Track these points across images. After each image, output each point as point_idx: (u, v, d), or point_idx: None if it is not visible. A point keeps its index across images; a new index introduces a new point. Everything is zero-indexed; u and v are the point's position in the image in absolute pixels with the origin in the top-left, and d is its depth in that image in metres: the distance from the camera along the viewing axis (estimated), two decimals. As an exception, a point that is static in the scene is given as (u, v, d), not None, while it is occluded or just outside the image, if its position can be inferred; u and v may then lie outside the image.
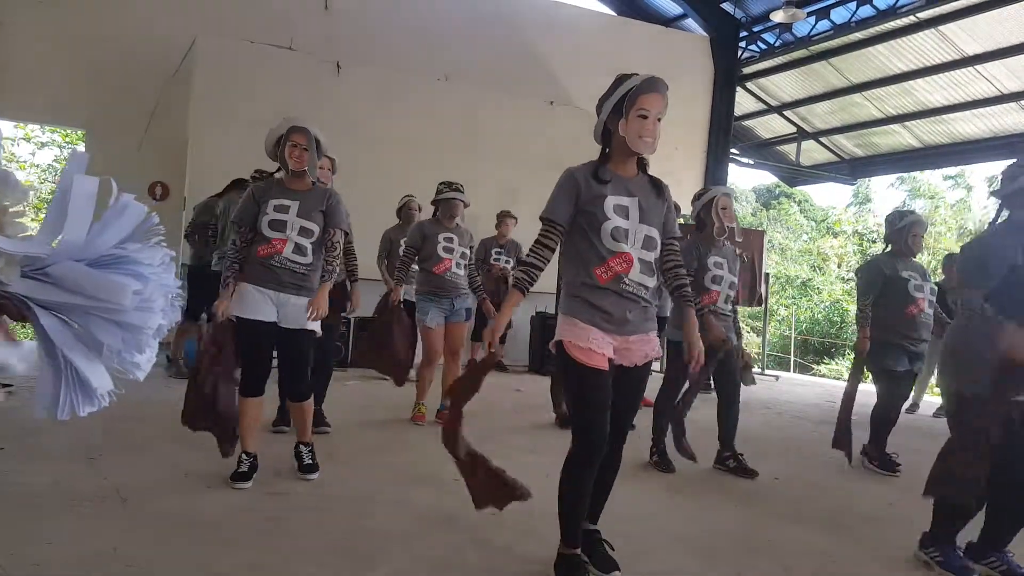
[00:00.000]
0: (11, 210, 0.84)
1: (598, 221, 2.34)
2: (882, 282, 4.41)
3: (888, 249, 4.59)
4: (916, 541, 2.94)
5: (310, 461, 3.46)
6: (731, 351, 4.13)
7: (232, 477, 3.27)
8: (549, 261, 2.41)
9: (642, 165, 2.51)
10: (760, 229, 11.60)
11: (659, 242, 2.45)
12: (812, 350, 18.17)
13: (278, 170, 3.50)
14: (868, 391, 4.76)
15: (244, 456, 3.35)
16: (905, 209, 4.95)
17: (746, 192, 27.13)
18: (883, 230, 4.72)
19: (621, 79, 2.40)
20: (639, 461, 4.26)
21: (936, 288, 4.49)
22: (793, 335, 16.76)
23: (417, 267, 4.93)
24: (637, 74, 2.38)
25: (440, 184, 4.97)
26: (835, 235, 23.68)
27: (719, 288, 4.11)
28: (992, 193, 2.93)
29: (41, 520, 2.70)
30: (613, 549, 2.52)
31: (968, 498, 2.64)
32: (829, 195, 20.69)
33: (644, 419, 4.49)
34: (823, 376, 14.20)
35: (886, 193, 28.84)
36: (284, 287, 3.30)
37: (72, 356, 0.82)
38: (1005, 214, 2.78)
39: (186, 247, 6.29)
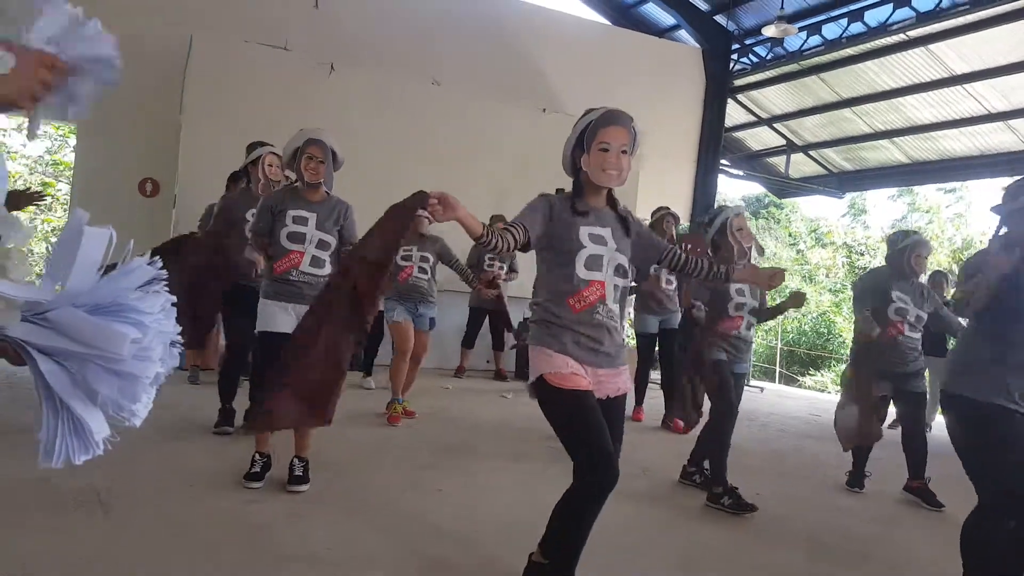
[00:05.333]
0: (14, 252, 0.85)
1: (574, 249, 2.31)
2: (878, 297, 4.39)
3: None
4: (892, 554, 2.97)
5: (300, 474, 3.45)
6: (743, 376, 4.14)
7: (245, 477, 3.32)
8: (511, 248, 2.26)
9: (611, 199, 2.47)
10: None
11: (628, 270, 2.44)
12: (798, 361, 18.27)
13: (295, 181, 3.58)
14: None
15: (257, 456, 3.40)
16: (907, 229, 4.91)
17: (735, 201, 27.32)
18: (872, 243, 4.73)
19: (585, 113, 2.39)
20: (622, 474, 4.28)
21: (926, 316, 4.43)
22: (779, 346, 16.84)
23: None
24: (598, 108, 2.37)
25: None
26: (824, 246, 23.83)
27: (742, 315, 3.95)
28: (992, 208, 2.93)
29: (24, 523, 2.68)
30: None
31: None
32: (825, 205, 20.86)
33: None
34: (809, 388, 14.30)
35: (885, 205, 29.14)
36: (303, 300, 3.34)
37: (69, 402, 0.83)
38: (1004, 230, 2.80)
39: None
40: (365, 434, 4.71)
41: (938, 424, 7.53)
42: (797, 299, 3.99)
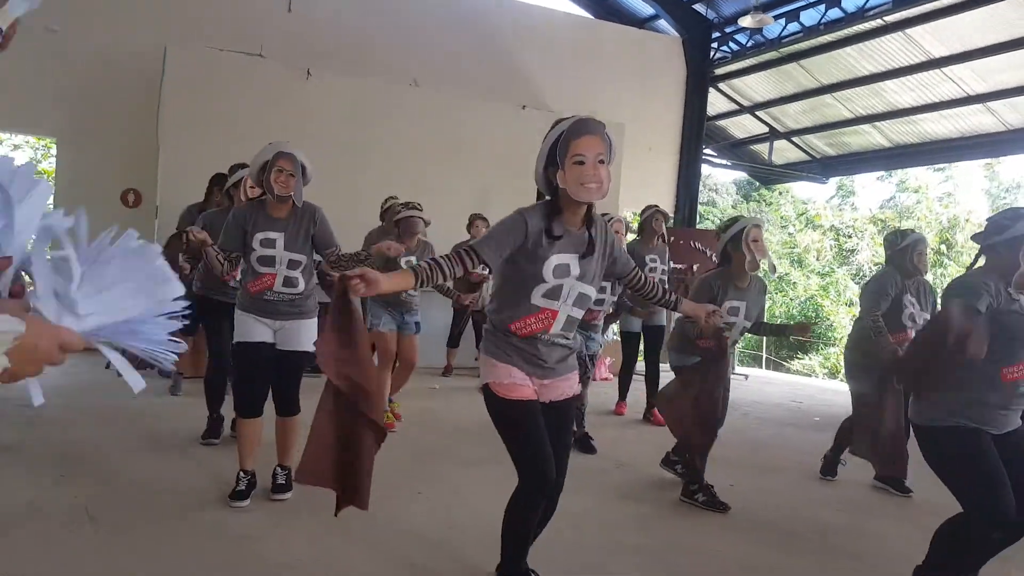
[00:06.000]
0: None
1: (535, 279, 2.28)
2: (892, 303, 4.29)
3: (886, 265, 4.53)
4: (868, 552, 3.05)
5: (283, 482, 3.52)
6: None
7: (231, 496, 3.36)
8: (452, 276, 2.23)
9: (589, 216, 2.37)
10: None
11: (593, 299, 2.44)
12: (787, 345, 18.40)
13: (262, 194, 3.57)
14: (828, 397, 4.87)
15: (242, 474, 3.44)
16: (903, 228, 4.90)
17: (727, 184, 27.33)
18: (859, 224, 4.70)
19: (554, 125, 2.30)
20: (595, 468, 4.38)
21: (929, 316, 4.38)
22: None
23: None
24: (567, 118, 2.28)
25: (396, 203, 5.12)
26: (814, 228, 23.91)
27: (728, 334, 3.81)
28: (973, 237, 2.95)
29: (14, 542, 2.76)
30: None
31: None
32: (815, 188, 20.86)
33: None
34: (796, 372, 14.41)
35: (874, 186, 29.18)
36: (278, 315, 3.43)
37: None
38: (982, 260, 2.84)
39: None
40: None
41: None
42: (802, 329, 4.05)
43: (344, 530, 3.11)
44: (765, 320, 4.30)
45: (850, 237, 21.40)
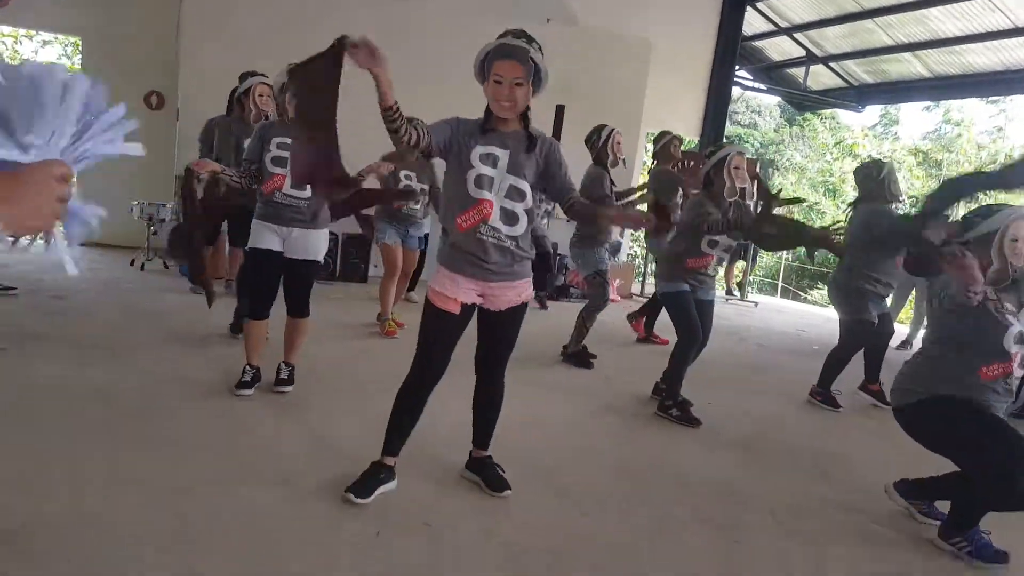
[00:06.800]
0: None
1: (464, 168, 2.46)
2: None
3: (864, 200, 4.68)
4: (824, 477, 3.25)
5: (285, 377, 3.80)
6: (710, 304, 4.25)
7: (236, 385, 3.66)
8: (409, 140, 2.32)
9: (525, 119, 2.53)
10: (752, 158, 11.57)
11: (529, 195, 2.52)
12: (808, 275, 18.33)
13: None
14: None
15: (248, 367, 3.74)
16: (878, 159, 4.99)
17: (770, 107, 26.56)
18: (898, 155, 4.77)
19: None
20: (584, 383, 4.61)
21: None
22: (783, 260, 16.91)
23: None
24: (500, 38, 2.42)
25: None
26: (854, 157, 23.30)
27: (713, 252, 4.07)
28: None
29: (38, 420, 3.05)
30: (504, 472, 2.85)
31: None
32: (855, 116, 20.19)
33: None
34: (811, 303, 14.43)
35: (919, 116, 28.15)
36: (287, 222, 3.62)
37: None
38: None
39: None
40: (349, 345, 5.09)
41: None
42: (825, 240, 4.10)
43: (336, 422, 3.40)
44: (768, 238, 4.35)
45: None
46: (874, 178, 4.61)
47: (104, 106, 0.99)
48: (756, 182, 5.99)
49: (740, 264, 10.11)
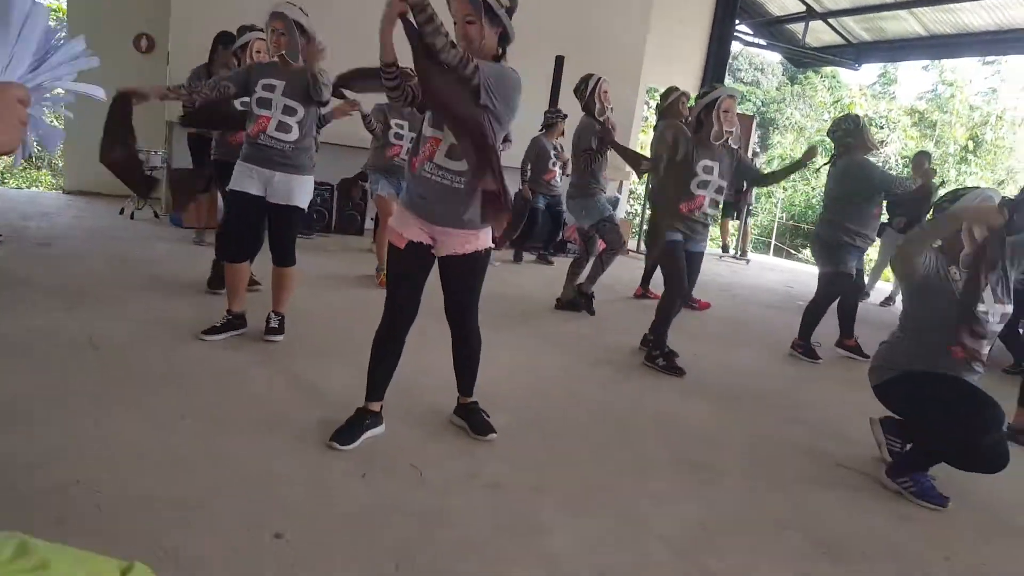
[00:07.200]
0: None
1: (426, 108, 2.54)
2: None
3: (844, 153, 4.76)
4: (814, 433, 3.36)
5: (275, 326, 3.82)
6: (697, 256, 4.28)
7: (204, 331, 3.66)
8: (407, 99, 2.48)
9: (497, 59, 2.51)
10: (749, 114, 11.53)
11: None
12: (801, 234, 18.41)
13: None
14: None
15: (226, 314, 3.76)
16: (849, 113, 5.14)
17: (773, 65, 26.30)
18: (893, 115, 4.88)
19: None
20: (579, 333, 4.69)
21: None
22: (777, 219, 16.96)
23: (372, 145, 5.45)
24: None
25: None
26: (850, 117, 23.08)
27: (704, 193, 4.10)
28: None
29: (21, 365, 3.07)
30: (489, 416, 2.93)
31: None
32: (854, 75, 19.97)
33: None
34: (803, 261, 14.52)
35: (918, 76, 27.95)
36: (270, 164, 3.59)
37: None
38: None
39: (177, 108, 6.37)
40: (344, 296, 5.11)
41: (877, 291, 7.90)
42: (810, 153, 4.23)
43: (326, 370, 3.45)
44: (767, 172, 4.63)
45: (882, 128, 20.77)
46: (851, 131, 4.71)
47: (64, 39, 1.02)
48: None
49: (735, 223, 10.15)
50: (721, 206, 4.67)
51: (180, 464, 2.36)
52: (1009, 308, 2.89)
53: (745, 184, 7.76)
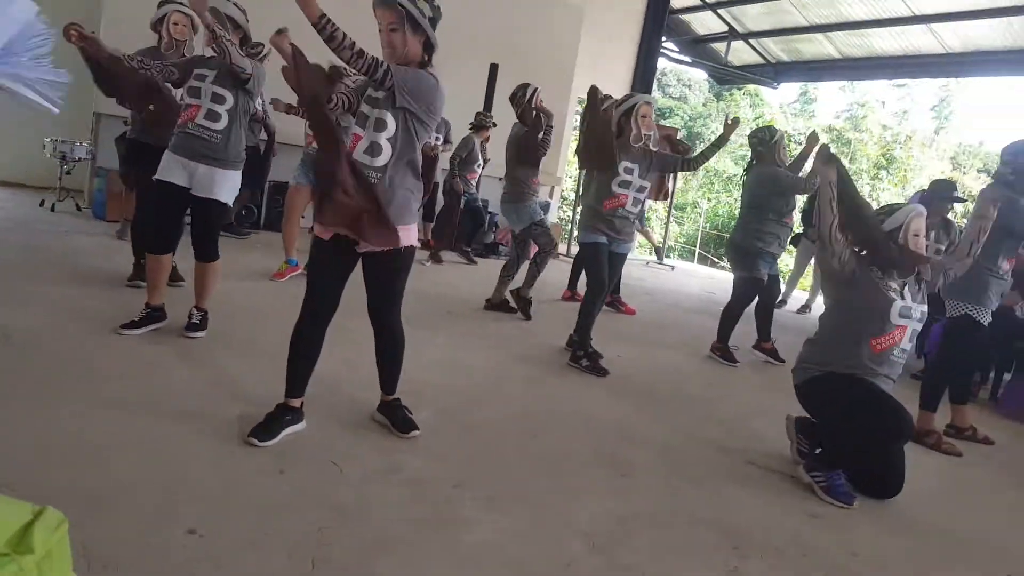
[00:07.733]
0: None
1: (361, 116, 2.59)
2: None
3: (757, 163, 5.06)
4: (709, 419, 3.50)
5: (197, 322, 3.75)
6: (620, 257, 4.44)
7: (121, 325, 3.56)
8: (359, 50, 2.39)
9: (422, 63, 2.60)
10: (673, 127, 11.93)
11: (391, 127, 2.52)
12: (724, 243, 19.01)
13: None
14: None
15: (145, 307, 3.67)
16: (769, 125, 5.47)
17: (700, 82, 27.14)
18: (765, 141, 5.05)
19: None
20: (509, 334, 4.75)
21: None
22: (701, 228, 17.55)
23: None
24: None
25: None
26: (771, 134, 24.03)
27: (627, 192, 4.27)
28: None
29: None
30: (412, 413, 2.95)
31: None
32: (778, 93, 21.14)
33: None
34: (723, 268, 15.02)
35: (835, 97, 29.42)
36: (195, 156, 3.54)
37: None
38: None
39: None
40: (270, 292, 5.01)
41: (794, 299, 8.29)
42: (732, 125, 4.36)
43: (245, 367, 3.40)
44: (693, 155, 4.76)
45: (800, 144, 21.65)
46: (766, 142, 4.99)
47: (38, 31, 1.03)
48: (672, 144, 6.30)
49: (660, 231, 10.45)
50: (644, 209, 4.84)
51: (93, 458, 2.30)
52: (925, 307, 3.11)
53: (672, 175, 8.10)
